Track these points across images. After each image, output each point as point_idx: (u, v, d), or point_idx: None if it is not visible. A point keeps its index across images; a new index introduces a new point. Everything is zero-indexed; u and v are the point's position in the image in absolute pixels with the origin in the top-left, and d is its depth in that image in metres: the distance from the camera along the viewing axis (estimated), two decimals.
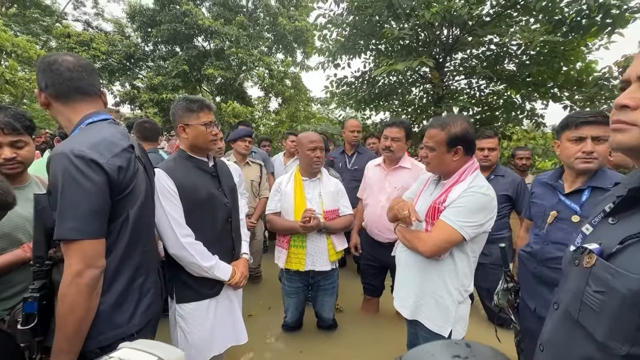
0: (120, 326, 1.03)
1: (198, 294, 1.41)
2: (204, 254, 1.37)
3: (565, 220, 1.40)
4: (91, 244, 0.91)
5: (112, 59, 11.54)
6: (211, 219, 1.44)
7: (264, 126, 12.37)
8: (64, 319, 0.90)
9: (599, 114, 1.33)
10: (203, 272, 1.37)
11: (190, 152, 1.46)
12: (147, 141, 2.41)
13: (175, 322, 1.42)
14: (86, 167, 0.89)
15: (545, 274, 1.44)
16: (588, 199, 1.33)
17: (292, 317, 2.31)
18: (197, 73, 11.70)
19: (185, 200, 1.35)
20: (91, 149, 0.92)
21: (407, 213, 1.34)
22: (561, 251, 1.37)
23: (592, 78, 4.90)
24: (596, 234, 0.70)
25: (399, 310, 1.50)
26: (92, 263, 0.91)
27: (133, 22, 11.93)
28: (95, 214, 0.92)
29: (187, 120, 1.40)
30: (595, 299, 0.60)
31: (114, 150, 0.99)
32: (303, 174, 2.16)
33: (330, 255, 2.07)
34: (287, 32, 11.57)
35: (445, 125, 1.37)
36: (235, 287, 1.50)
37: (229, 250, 1.52)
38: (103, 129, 1.03)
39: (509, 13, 4.99)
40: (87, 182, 0.89)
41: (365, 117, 7.32)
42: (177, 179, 1.35)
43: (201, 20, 10.28)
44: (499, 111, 5.91)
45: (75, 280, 0.88)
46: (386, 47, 5.65)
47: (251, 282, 3.21)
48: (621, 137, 0.60)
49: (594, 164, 1.32)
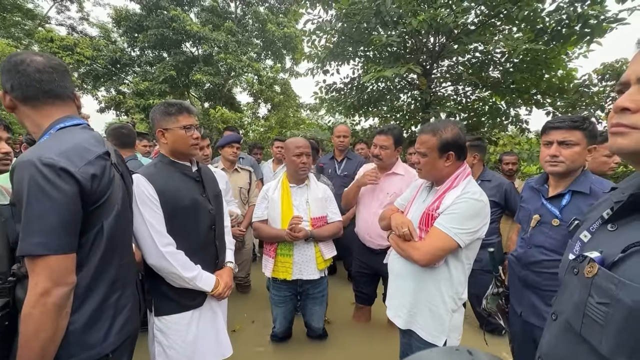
0: (93, 347, 0.94)
1: (179, 305, 1.33)
2: (185, 263, 1.29)
3: (546, 224, 1.41)
4: (59, 260, 0.83)
5: (97, 64, 11.31)
6: (194, 226, 1.36)
7: (253, 132, 12.30)
8: (27, 341, 0.81)
9: (568, 119, 1.36)
10: (184, 283, 1.29)
11: (171, 157, 1.39)
12: (125, 148, 2.31)
13: (154, 337, 1.33)
14: (54, 176, 0.82)
15: (529, 278, 1.44)
16: (568, 203, 1.36)
17: (281, 327, 2.22)
18: (185, 79, 11.58)
19: (167, 207, 1.28)
20: (61, 157, 0.85)
21: (407, 231, 1.31)
22: (543, 254, 1.39)
23: (573, 85, 5.06)
24: (595, 241, 0.67)
25: (392, 320, 1.45)
26: (61, 280, 0.83)
27: (119, 27, 11.76)
28: (64, 227, 0.84)
29: (166, 124, 1.34)
30: (599, 311, 0.56)
31: (87, 157, 0.91)
32: (290, 181, 2.11)
33: (318, 263, 2.01)
34: (276, 38, 11.62)
35: (437, 130, 1.35)
36: (218, 298, 1.42)
37: (212, 259, 1.44)
38: (76, 135, 0.95)
39: (493, 22, 5.13)
40: (56, 193, 0.82)
41: (354, 123, 7.34)
42: (158, 184, 1.28)
43: (189, 25, 10.22)
44: (484, 117, 6.03)
45: (41, 300, 0.81)
46: (374, 54, 5.71)
47: (240, 291, 3.11)
48: (622, 141, 0.57)
49: (559, 167, 1.36)
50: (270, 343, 2.35)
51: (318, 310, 2.20)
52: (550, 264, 1.37)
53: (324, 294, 2.19)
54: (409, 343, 1.44)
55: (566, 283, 0.70)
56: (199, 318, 1.38)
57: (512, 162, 3.45)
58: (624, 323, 0.52)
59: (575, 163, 1.35)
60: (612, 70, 4.74)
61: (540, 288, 1.40)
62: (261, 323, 2.63)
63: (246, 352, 2.22)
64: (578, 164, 1.36)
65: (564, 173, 1.38)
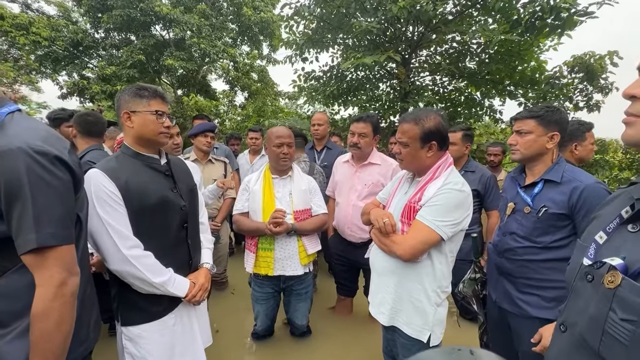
0: (84, 341, 0.94)
1: (149, 314, 1.21)
2: (154, 267, 1.18)
3: (519, 211, 1.44)
4: (69, 249, 0.82)
5: (56, 46, 10.40)
6: (163, 225, 1.24)
7: (229, 121, 11.91)
8: (49, 337, 0.77)
9: (526, 110, 1.44)
10: (154, 289, 1.17)
11: (136, 148, 1.25)
12: (91, 137, 2.10)
13: (123, 348, 1.21)
14: (51, 165, 0.78)
15: (504, 265, 1.47)
16: (540, 192, 1.39)
17: (262, 325, 2.16)
18: (156, 64, 10.93)
19: (131, 206, 1.15)
20: (46, 144, 0.79)
21: (388, 221, 1.28)
22: (516, 242, 1.42)
23: (544, 77, 5.23)
24: (613, 244, 0.60)
25: (375, 317, 1.42)
26: (73, 270, 0.83)
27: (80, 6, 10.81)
28: (68, 217, 0.82)
29: (135, 107, 1.20)
30: (624, 329, 0.50)
31: (65, 145, 0.86)
32: (272, 172, 2.02)
33: (301, 258, 1.94)
34: (252, 23, 11.15)
35: (419, 119, 1.30)
36: (194, 303, 1.31)
37: (185, 261, 1.32)
38: (33, 122, 0.86)
39: (470, 12, 5.17)
40: (57, 182, 0.79)
41: (334, 112, 7.26)
42: (120, 180, 1.15)
43: (158, 7, 9.57)
44: (460, 107, 6.15)
45: (60, 292, 0.78)
46: (354, 41, 5.62)
47: (216, 288, 3.00)
48: (629, 132, 0.54)
49: (516, 155, 1.44)
50: (252, 341, 2.28)
51: (302, 306, 2.14)
52: (522, 251, 1.40)
53: (309, 290, 2.13)
54: (393, 339, 1.42)
55: (578, 291, 0.63)
56: (173, 325, 1.27)
57: (494, 153, 3.52)
58: None
59: (530, 150, 1.39)
60: (580, 63, 4.92)
61: (513, 275, 1.43)
62: (242, 319, 2.56)
63: (226, 354, 2.15)
64: (533, 150, 1.39)
65: (520, 160, 1.45)
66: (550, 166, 1.40)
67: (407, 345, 1.33)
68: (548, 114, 1.36)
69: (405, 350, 1.35)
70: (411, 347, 1.32)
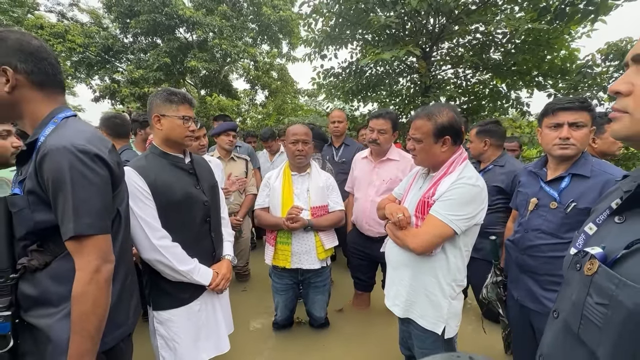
0: (121, 325, 1.02)
1: (177, 299, 1.33)
2: (181, 256, 1.28)
3: (544, 207, 1.40)
4: (105, 239, 0.90)
5: (89, 52, 11.05)
6: (188, 219, 1.35)
7: (250, 119, 12.16)
8: (86, 318, 0.86)
9: (576, 100, 1.33)
10: (181, 277, 1.28)
11: (163, 148, 1.36)
12: (120, 138, 2.27)
13: (155, 330, 1.34)
14: (92, 162, 0.87)
15: (526, 263, 1.44)
16: (568, 186, 1.34)
17: (282, 316, 2.25)
18: (180, 65, 11.32)
19: (159, 200, 1.26)
20: (90, 144, 0.88)
21: (402, 216, 1.30)
22: (540, 239, 1.39)
23: (576, 66, 4.94)
24: (600, 234, 0.62)
25: (390, 309, 1.45)
26: (107, 258, 0.91)
27: (110, 13, 11.41)
28: (105, 209, 0.91)
29: (165, 111, 1.32)
30: (598, 312, 0.53)
31: (107, 145, 0.96)
32: (291, 169, 2.10)
33: (318, 253, 2.00)
34: (271, 22, 11.28)
35: (432, 115, 1.31)
36: (217, 290, 1.42)
37: (209, 252, 1.43)
38: (84, 125, 0.97)
39: (495, 1, 4.96)
40: (96, 178, 0.88)
41: (353, 109, 7.24)
42: (149, 177, 1.26)
43: (182, 10, 9.91)
44: (485, 100, 5.94)
45: (95, 277, 0.87)
46: (373, 37, 5.56)
47: (239, 280, 3.14)
48: (615, 127, 0.56)
49: (571, 150, 1.32)
50: (273, 332, 2.38)
51: (320, 299, 2.20)
52: (547, 248, 1.37)
53: (326, 284, 2.19)
54: (408, 331, 1.45)
55: (568, 279, 0.66)
56: (199, 311, 1.38)
57: (511, 148, 3.38)
58: (623, 327, 0.48)
59: (584, 145, 1.34)
60: (616, 50, 4.60)
61: (537, 272, 1.40)
62: (264, 309, 2.66)
63: (248, 343, 2.26)
64: (585, 146, 1.34)
65: (574, 156, 1.35)
66: (576, 160, 1.36)
67: (421, 337, 1.35)
68: (593, 106, 1.32)
69: (420, 341, 1.37)
70: (425, 339, 1.34)
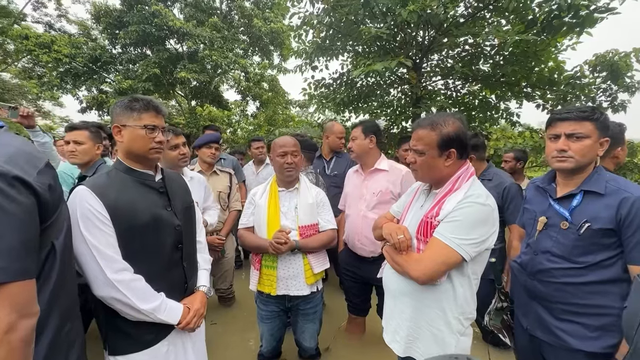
0: None
1: (138, 342, 1.12)
2: (143, 292, 1.08)
3: (554, 227, 1.26)
4: (22, 287, 0.68)
5: (76, 62, 10.84)
6: (155, 246, 1.15)
7: (241, 130, 12.03)
8: None
9: (575, 110, 1.21)
10: (143, 317, 1.08)
11: (128, 163, 1.18)
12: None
13: None
14: (8, 187, 0.67)
15: (536, 288, 1.30)
16: (580, 204, 1.21)
17: (268, 347, 2.02)
18: (170, 76, 11.20)
19: (120, 225, 1.07)
20: (9, 163, 0.69)
21: (403, 238, 1.14)
22: (551, 262, 1.23)
23: (564, 77, 4.98)
24: None
25: (389, 345, 1.28)
26: (26, 311, 0.69)
27: (99, 24, 11.27)
28: (24, 247, 0.69)
29: (125, 120, 1.14)
30: None
31: (37, 164, 0.77)
32: (279, 184, 1.91)
33: (307, 277, 1.80)
34: (262, 34, 11.31)
35: (436, 124, 1.17)
36: (188, 330, 1.20)
37: (179, 284, 1.23)
38: (9, 138, 0.78)
39: (483, 14, 5.01)
40: (13, 207, 0.67)
41: (344, 119, 7.17)
42: (109, 198, 1.07)
43: (172, 21, 9.84)
44: (475, 111, 5.95)
45: (6, 338, 0.64)
46: (363, 48, 5.55)
47: (223, 304, 2.90)
48: None
49: (569, 163, 1.21)
50: None
51: (310, 327, 1.98)
52: (560, 273, 1.23)
53: (317, 310, 1.97)
54: None
55: None
56: (166, 353, 1.17)
57: (507, 159, 3.30)
58: None
59: (586, 158, 1.20)
60: (603, 61, 4.66)
61: (549, 299, 1.26)
62: (245, 341, 2.43)
63: None
64: (589, 158, 1.21)
65: (573, 169, 1.23)
66: (588, 175, 1.23)
67: None
68: (603, 116, 1.19)
69: None
70: None
